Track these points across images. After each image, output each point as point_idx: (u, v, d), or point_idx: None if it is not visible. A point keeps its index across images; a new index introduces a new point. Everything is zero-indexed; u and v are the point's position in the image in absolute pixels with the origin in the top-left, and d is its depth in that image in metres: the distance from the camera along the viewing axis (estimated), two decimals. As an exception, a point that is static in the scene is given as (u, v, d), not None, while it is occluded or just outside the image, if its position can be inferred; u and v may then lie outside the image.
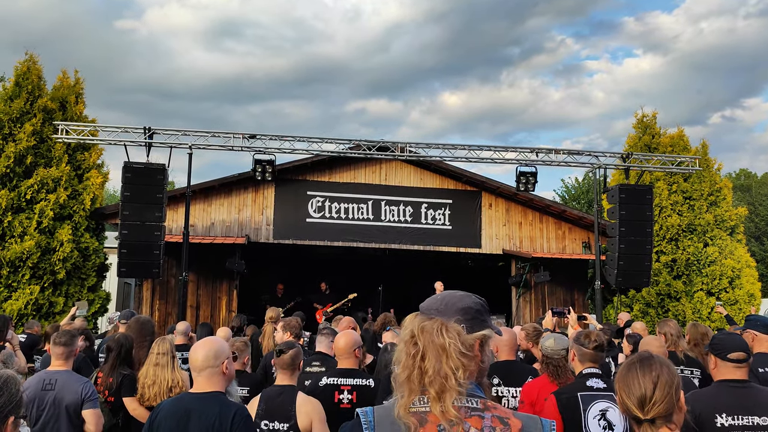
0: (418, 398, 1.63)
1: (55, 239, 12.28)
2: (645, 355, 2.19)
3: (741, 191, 35.01)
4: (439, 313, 1.72)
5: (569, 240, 15.17)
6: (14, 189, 12.27)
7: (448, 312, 1.72)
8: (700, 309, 14.73)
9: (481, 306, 1.79)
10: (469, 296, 1.81)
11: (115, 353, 5.09)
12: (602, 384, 3.64)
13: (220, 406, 2.95)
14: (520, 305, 14.73)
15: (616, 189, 11.93)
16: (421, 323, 1.71)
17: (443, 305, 1.75)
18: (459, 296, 1.79)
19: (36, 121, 12.52)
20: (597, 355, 3.75)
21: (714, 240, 15.27)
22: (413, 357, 1.66)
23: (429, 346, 1.64)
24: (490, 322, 1.80)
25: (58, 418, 4.32)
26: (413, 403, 1.63)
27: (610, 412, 3.53)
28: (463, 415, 1.60)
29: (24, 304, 11.76)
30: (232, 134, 11.66)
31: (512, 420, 1.64)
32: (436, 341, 1.64)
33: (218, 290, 13.74)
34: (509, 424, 1.62)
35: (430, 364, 1.62)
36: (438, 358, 1.62)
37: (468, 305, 1.75)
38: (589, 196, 31.08)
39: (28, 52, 13.08)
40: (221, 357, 3.07)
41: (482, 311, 1.78)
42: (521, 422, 1.64)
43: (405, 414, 1.61)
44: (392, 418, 1.63)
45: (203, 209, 13.87)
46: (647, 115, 16.52)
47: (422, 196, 14.53)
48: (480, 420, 1.61)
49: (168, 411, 3.01)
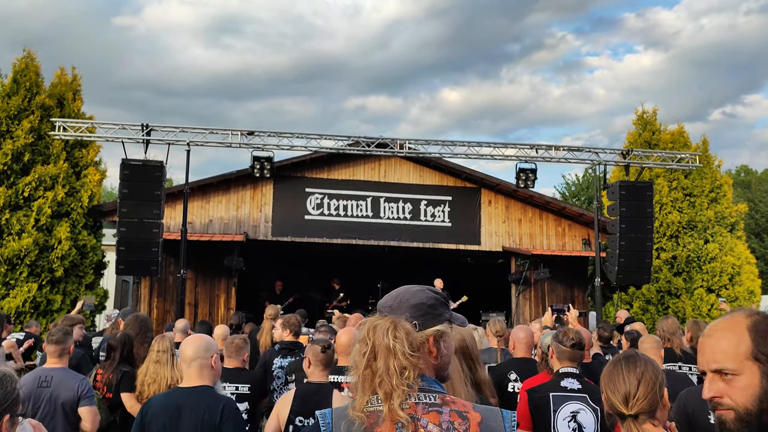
0: (374, 397, 1.62)
1: (53, 237, 12.24)
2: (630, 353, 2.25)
3: (741, 188, 34.98)
4: (391, 310, 1.71)
5: (569, 237, 15.13)
6: (12, 186, 12.23)
7: (401, 309, 1.71)
8: (700, 306, 14.70)
9: (435, 300, 1.76)
10: (423, 291, 1.77)
11: (119, 351, 5.08)
12: (577, 385, 3.59)
13: (210, 400, 3.08)
14: (519, 303, 14.70)
15: (617, 186, 11.89)
16: (374, 322, 1.69)
17: (396, 302, 1.74)
18: (413, 292, 1.76)
19: (34, 118, 12.48)
20: (575, 353, 3.70)
21: (714, 237, 15.23)
22: (365, 356, 1.65)
23: (379, 346, 1.63)
24: (447, 315, 1.77)
25: (54, 416, 4.31)
26: (369, 403, 1.62)
27: (582, 415, 3.49)
28: (421, 411, 1.60)
29: (22, 301, 11.73)
30: (230, 131, 11.61)
31: (471, 413, 1.63)
32: (383, 342, 1.63)
33: (216, 288, 13.70)
34: (468, 418, 1.61)
35: (379, 364, 1.62)
36: (386, 359, 1.61)
37: (420, 301, 1.73)
38: (589, 193, 31.03)
39: (26, 49, 13.08)
40: (211, 351, 3.24)
41: (436, 305, 1.75)
42: (481, 415, 1.63)
43: (360, 413, 1.61)
44: (347, 419, 1.62)
45: (201, 206, 13.82)
46: (647, 112, 16.48)
47: (421, 193, 14.49)
48: (438, 415, 1.60)
49: (160, 406, 3.11)
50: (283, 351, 5.68)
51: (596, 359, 5.58)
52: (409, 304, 1.72)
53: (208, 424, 2.98)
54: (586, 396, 3.55)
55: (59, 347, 4.51)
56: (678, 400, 3.64)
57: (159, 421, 3.02)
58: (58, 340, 4.51)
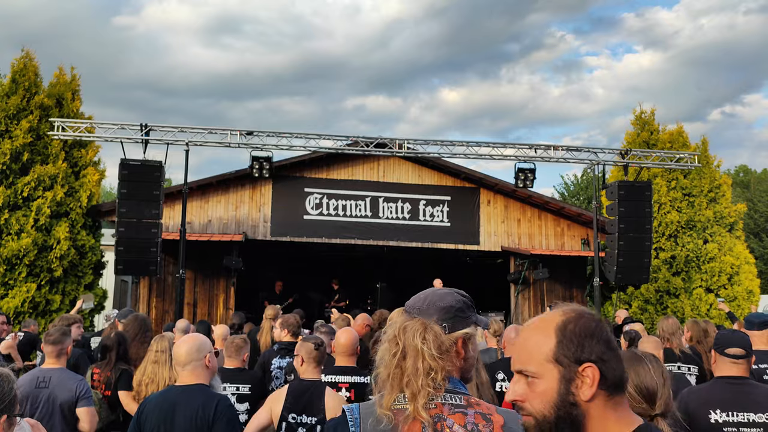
0: (401, 395, 1.65)
1: (51, 237, 12.23)
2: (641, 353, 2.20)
3: (740, 188, 35.00)
4: (420, 312, 1.74)
5: (568, 237, 15.14)
6: (11, 186, 12.21)
7: (429, 311, 1.74)
8: (698, 306, 14.70)
9: (463, 303, 1.80)
10: (452, 294, 1.81)
11: (115, 351, 5.09)
12: None
13: (204, 397, 3.12)
14: (518, 302, 14.70)
15: (615, 185, 11.89)
16: (403, 323, 1.73)
17: (425, 304, 1.77)
18: (441, 294, 1.80)
19: (32, 117, 12.47)
20: None
21: (713, 236, 15.24)
22: (394, 356, 1.69)
23: (408, 347, 1.67)
24: (474, 318, 1.80)
25: (52, 416, 4.30)
26: (396, 401, 1.66)
27: None
28: (447, 412, 1.64)
29: (21, 301, 11.72)
30: (229, 131, 11.60)
31: (495, 416, 1.67)
32: (412, 343, 1.67)
33: (215, 288, 13.69)
34: (492, 420, 1.66)
35: (409, 364, 1.66)
36: (414, 360, 1.65)
37: (449, 304, 1.77)
38: (588, 193, 31.05)
39: (24, 48, 13.05)
40: (203, 351, 3.26)
41: (464, 308, 1.78)
42: (503, 418, 1.67)
43: (387, 411, 1.64)
44: (375, 416, 1.66)
45: (200, 206, 13.82)
46: (645, 112, 16.48)
47: (420, 192, 14.48)
48: (463, 416, 1.64)
49: (155, 403, 3.16)
50: (282, 351, 5.68)
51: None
52: (437, 306, 1.75)
53: (202, 421, 3.02)
54: None
55: (57, 347, 4.50)
56: (678, 400, 3.64)
57: (153, 419, 3.07)
58: (55, 341, 4.50)
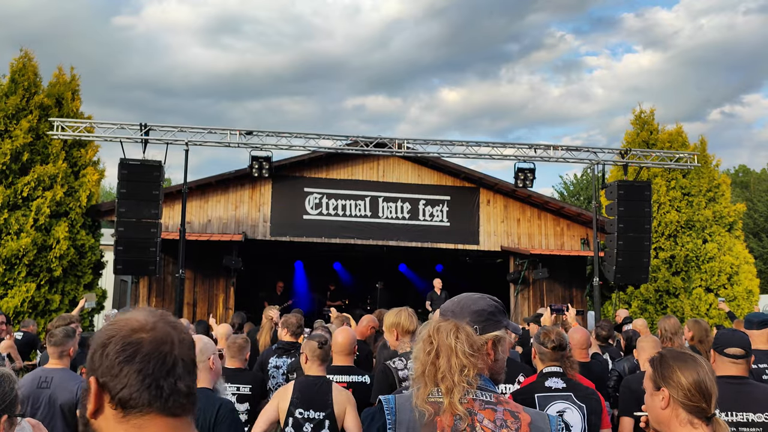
0: (435, 390, 1.76)
1: (51, 236, 12.23)
2: (694, 354, 2.19)
3: (740, 187, 35.01)
4: (453, 315, 1.88)
5: (568, 236, 15.14)
6: (10, 186, 12.21)
7: (462, 314, 1.87)
8: (698, 305, 14.71)
9: (495, 308, 1.93)
10: (484, 299, 1.94)
11: None
12: (562, 384, 3.60)
13: (205, 400, 3.04)
14: (518, 302, 14.71)
15: (615, 185, 11.90)
16: (437, 324, 1.84)
17: (458, 308, 1.90)
18: (474, 299, 1.94)
19: (32, 117, 12.47)
20: (556, 354, 3.70)
21: (713, 236, 15.24)
22: (428, 354, 1.79)
23: (442, 345, 1.78)
24: (505, 322, 1.93)
25: (53, 417, 4.28)
26: (431, 394, 1.76)
27: (568, 413, 3.50)
28: (478, 407, 1.73)
29: (20, 301, 11.72)
30: (229, 131, 11.61)
31: (522, 414, 1.76)
32: (445, 342, 1.78)
33: (215, 287, 13.69)
34: (520, 418, 1.74)
35: (442, 362, 1.76)
36: (448, 357, 1.76)
37: (481, 308, 1.90)
38: (587, 193, 31.05)
39: (23, 48, 13.04)
40: (207, 353, 3.20)
41: (496, 313, 1.91)
42: (530, 417, 1.76)
43: (423, 403, 1.74)
44: (411, 406, 1.76)
45: (200, 206, 13.82)
46: (645, 112, 16.49)
47: (420, 192, 14.48)
48: (493, 413, 1.73)
49: None
50: (279, 351, 5.68)
51: (595, 358, 5.59)
52: (470, 310, 1.89)
53: (203, 426, 2.96)
54: (571, 394, 3.56)
55: (59, 348, 4.49)
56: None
57: None
58: (58, 342, 4.50)
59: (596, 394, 3.68)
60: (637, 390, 4.33)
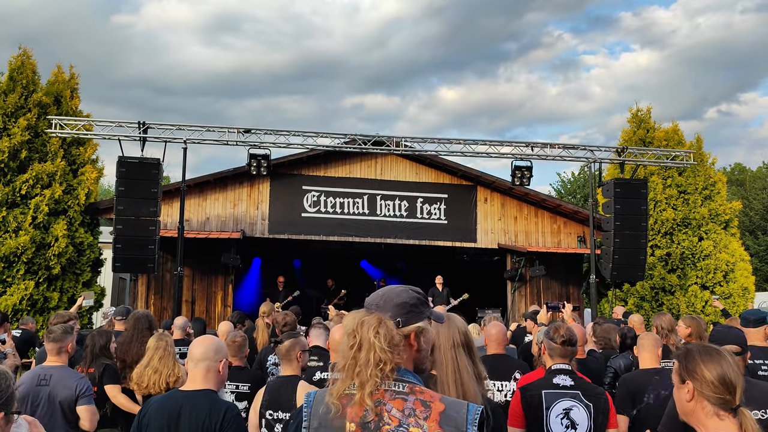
0: (352, 384, 1.80)
1: (49, 234, 12.24)
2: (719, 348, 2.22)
3: (736, 185, 35.10)
4: (378, 308, 1.89)
5: (564, 234, 15.20)
6: (8, 184, 12.22)
7: (386, 307, 1.89)
8: (694, 303, 14.78)
9: (417, 300, 1.94)
10: (407, 291, 1.95)
11: (89, 348, 5.12)
12: (570, 381, 3.60)
13: (211, 404, 2.95)
14: (515, 299, 14.77)
15: (611, 183, 11.95)
16: (362, 318, 1.86)
17: (382, 301, 1.92)
18: (397, 292, 1.95)
19: (30, 115, 12.47)
20: (566, 349, 3.70)
21: (708, 234, 15.31)
22: (351, 348, 1.82)
23: (364, 340, 1.80)
24: (427, 312, 1.95)
25: (53, 414, 4.32)
26: (348, 388, 1.80)
27: (574, 411, 3.51)
28: (388, 397, 1.76)
29: (19, 299, 11.74)
30: (227, 129, 11.63)
31: (435, 403, 1.78)
32: (365, 336, 1.80)
33: (214, 285, 13.73)
34: (431, 407, 1.77)
35: (362, 355, 1.78)
36: (367, 352, 1.78)
37: (404, 300, 1.91)
38: (584, 191, 31.11)
39: (21, 46, 13.04)
40: (220, 354, 3.10)
41: (418, 304, 1.93)
42: (445, 405, 1.78)
43: (335, 398, 1.79)
44: (326, 399, 1.81)
45: (198, 204, 13.84)
46: (641, 110, 16.54)
47: (418, 190, 14.52)
48: (402, 402, 1.76)
49: (158, 407, 2.99)
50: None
51: (591, 355, 5.64)
52: (393, 303, 1.90)
53: (209, 429, 2.87)
54: (579, 392, 3.56)
55: (57, 345, 4.52)
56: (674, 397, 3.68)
57: (156, 425, 2.91)
58: (56, 339, 4.52)
59: (605, 394, 3.67)
60: (633, 388, 4.38)
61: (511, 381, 4.47)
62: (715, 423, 2.06)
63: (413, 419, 1.74)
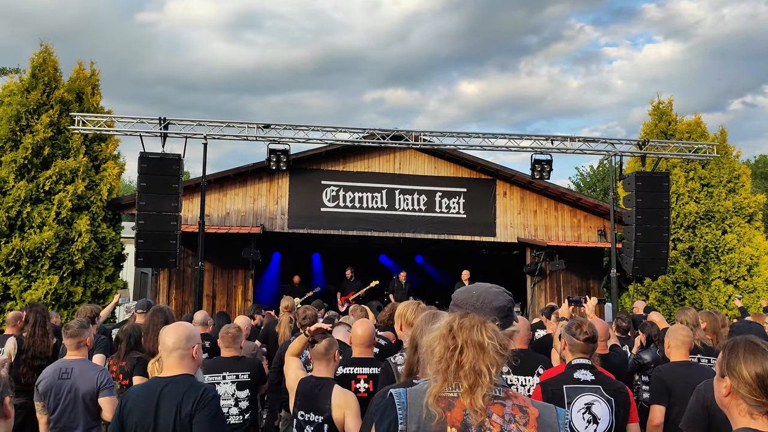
0: (453, 385, 1.75)
1: (73, 230, 12.39)
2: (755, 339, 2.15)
3: (760, 178, 34.57)
4: (475, 309, 1.85)
5: (584, 228, 15.08)
6: (32, 180, 12.38)
7: (484, 310, 1.86)
8: (717, 297, 14.60)
9: (511, 303, 1.94)
10: (503, 293, 1.94)
11: (125, 342, 5.31)
12: (590, 376, 3.59)
13: (189, 386, 3.07)
14: (535, 294, 14.69)
15: (633, 176, 11.83)
16: (460, 319, 1.80)
17: (479, 302, 1.89)
18: (494, 294, 1.92)
19: (53, 112, 12.61)
20: (587, 346, 3.68)
21: (732, 227, 15.10)
22: (451, 350, 1.76)
23: (468, 342, 1.75)
24: (515, 315, 1.95)
25: (75, 406, 4.43)
26: (447, 390, 1.75)
27: (596, 406, 3.49)
28: (488, 402, 1.73)
29: (43, 293, 11.90)
30: (247, 124, 11.68)
31: (530, 408, 1.76)
32: (475, 338, 1.75)
33: (234, 279, 13.82)
34: (528, 413, 1.74)
35: (467, 359, 1.74)
36: (476, 355, 1.74)
37: (502, 304, 1.90)
38: (604, 184, 30.83)
39: (43, 43, 13.14)
40: (192, 341, 3.21)
41: (512, 308, 1.93)
42: (538, 410, 1.76)
43: (435, 402, 1.72)
44: (422, 401, 1.75)
45: (218, 199, 13.94)
46: (663, 102, 16.34)
47: (436, 184, 14.49)
48: (502, 407, 1.73)
49: (139, 394, 3.13)
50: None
51: (614, 350, 5.59)
52: (492, 306, 1.89)
53: (185, 412, 2.97)
54: (600, 387, 3.54)
55: (75, 340, 4.65)
56: (696, 392, 3.63)
57: (137, 413, 3.04)
58: (73, 333, 4.65)
59: (625, 388, 3.66)
60: (667, 380, 4.34)
61: (535, 376, 4.46)
62: (746, 421, 2.02)
63: (514, 425, 1.72)
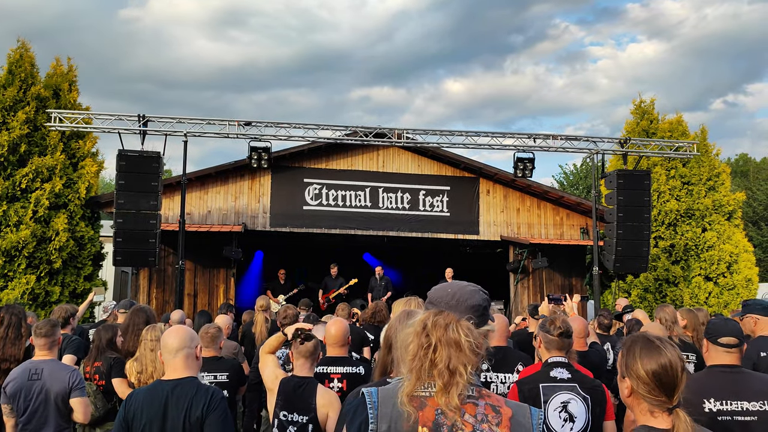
0: (426, 384, 1.72)
1: (50, 228, 12.22)
2: (660, 337, 2.12)
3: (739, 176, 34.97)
4: (450, 308, 1.82)
5: (567, 226, 15.13)
6: (8, 178, 12.19)
7: (460, 308, 1.83)
8: (697, 294, 14.73)
9: (486, 302, 1.91)
10: (478, 292, 1.91)
11: (95, 343, 5.23)
12: (567, 374, 3.57)
13: (196, 389, 3.03)
14: (518, 291, 14.72)
15: (614, 174, 11.88)
16: (435, 317, 1.77)
17: (454, 301, 1.85)
18: (469, 292, 1.89)
19: (29, 109, 12.42)
20: (562, 342, 3.66)
21: (712, 225, 15.23)
22: (425, 348, 1.73)
23: (441, 340, 1.72)
24: (490, 314, 1.92)
25: (46, 408, 4.34)
26: (421, 389, 1.72)
27: (572, 404, 3.47)
28: (461, 402, 1.70)
29: (20, 293, 11.73)
30: (228, 122, 11.57)
31: (503, 408, 1.73)
32: (450, 336, 1.72)
33: (215, 278, 13.70)
34: (500, 412, 1.72)
35: (441, 357, 1.71)
36: (450, 353, 1.70)
37: (478, 303, 1.87)
38: (587, 182, 31.01)
39: (20, 39, 12.97)
40: (196, 340, 3.19)
41: (487, 306, 1.90)
42: (512, 410, 1.73)
43: (407, 401, 1.70)
44: (394, 400, 1.72)
45: (199, 197, 13.81)
46: (645, 101, 16.46)
47: (420, 182, 14.47)
48: (474, 407, 1.71)
49: (145, 398, 3.05)
50: (279, 341, 5.67)
51: (593, 347, 5.59)
52: (467, 305, 1.86)
53: (195, 416, 2.94)
54: (576, 385, 3.53)
55: (48, 340, 4.54)
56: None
57: (144, 416, 2.98)
58: (46, 333, 4.54)
59: (602, 386, 3.65)
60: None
61: (514, 373, 4.43)
62: (646, 419, 2.02)
63: (486, 425, 1.69)
